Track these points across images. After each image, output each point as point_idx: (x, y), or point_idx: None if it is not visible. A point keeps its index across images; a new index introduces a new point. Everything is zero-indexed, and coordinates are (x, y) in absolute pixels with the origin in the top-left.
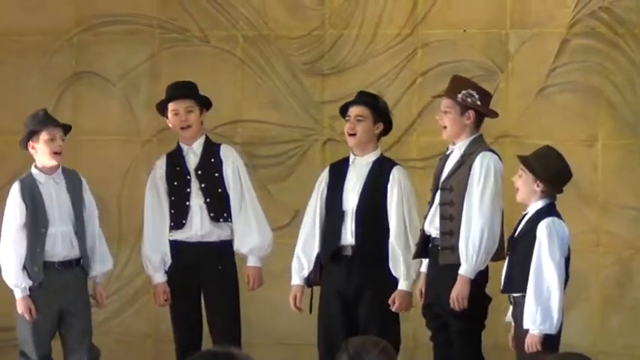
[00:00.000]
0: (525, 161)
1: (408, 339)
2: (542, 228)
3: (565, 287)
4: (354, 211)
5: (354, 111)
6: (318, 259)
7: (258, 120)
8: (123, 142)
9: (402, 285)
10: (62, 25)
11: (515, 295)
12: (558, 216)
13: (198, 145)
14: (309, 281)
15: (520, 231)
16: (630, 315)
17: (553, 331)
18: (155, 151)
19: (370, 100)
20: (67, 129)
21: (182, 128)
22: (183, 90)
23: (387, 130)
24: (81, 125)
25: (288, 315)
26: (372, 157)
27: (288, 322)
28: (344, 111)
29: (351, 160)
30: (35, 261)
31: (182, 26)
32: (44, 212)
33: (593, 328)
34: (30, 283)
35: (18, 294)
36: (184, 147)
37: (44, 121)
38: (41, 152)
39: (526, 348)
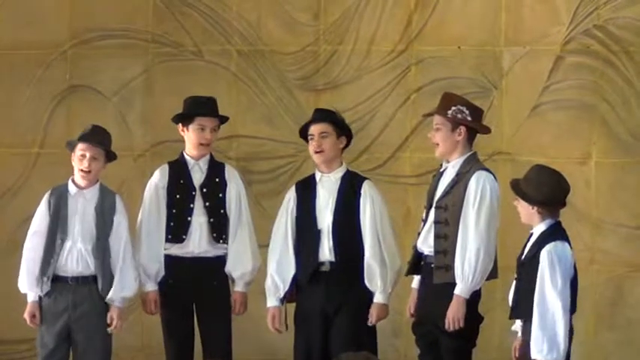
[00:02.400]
0: (516, 188)
1: (399, 355)
2: (544, 256)
3: (572, 313)
4: (330, 229)
5: (316, 129)
6: (294, 279)
7: (252, 135)
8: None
9: (379, 298)
10: (57, 38)
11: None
12: (562, 237)
13: (204, 162)
14: (282, 300)
15: (525, 256)
16: (623, 333)
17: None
18: (149, 165)
19: (330, 116)
20: (110, 154)
21: (203, 144)
22: (214, 108)
23: (349, 143)
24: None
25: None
26: (339, 172)
27: (279, 337)
28: (304, 132)
29: (317, 177)
30: (45, 271)
31: (176, 41)
32: (65, 224)
33: (586, 346)
34: (39, 292)
35: (29, 299)
36: (190, 161)
37: (83, 135)
38: (74, 165)
39: None
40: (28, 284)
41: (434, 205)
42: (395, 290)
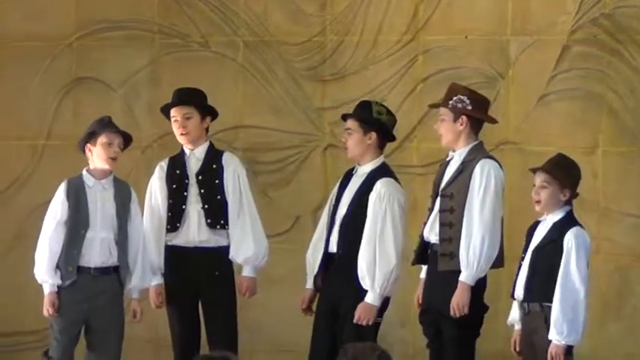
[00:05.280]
0: (550, 172)
1: (407, 346)
2: (571, 238)
3: None
4: (340, 221)
5: (346, 124)
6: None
7: (259, 126)
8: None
9: (367, 297)
10: (63, 30)
11: (531, 303)
12: (581, 225)
13: (201, 151)
14: (317, 286)
15: (542, 241)
16: (630, 322)
17: (577, 343)
18: (156, 156)
19: (359, 112)
20: (127, 138)
21: (181, 134)
22: (183, 96)
23: (386, 137)
24: (81, 130)
25: (288, 321)
26: (369, 167)
27: (289, 328)
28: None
29: (355, 169)
30: (70, 261)
31: (183, 32)
32: (86, 214)
33: (592, 335)
34: (59, 282)
35: (46, 290)
36: (187, 151)
37: (106, 125)
38: (97, 155)
39: (549, 358)
40: (47, 273)
41: (439, 193)
42: (401, 282)
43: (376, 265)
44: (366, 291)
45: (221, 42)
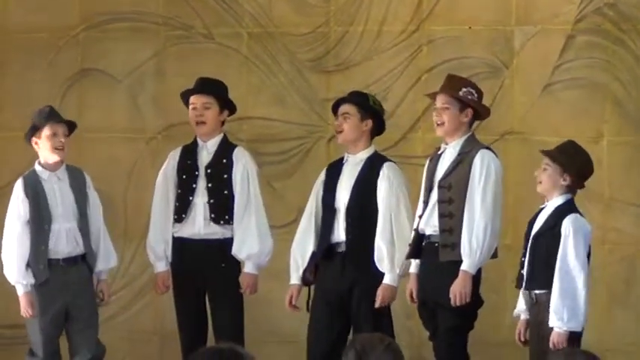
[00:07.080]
0: (551, 155)
1: (413, 336)
2: (568, 225)
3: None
4: (346, 208)
5: (341, 109)
6: (314, 257)
7: (263, 117)
8: (128, 139)
9: (386, 279)
10: (68, 22)
11: (537, 292)
12: (579, 212)
13: (213, 144)
14: (305, 280)
15: (541, 227)
16: (636, 312)
17: (579, 329)
18: (160, 148)
19: (356, 98)
20: (71, 126)
21: (197, 123)
22: (206, 86)
23: (379, 127)
24: (86, 122)
25: (293, 313)
26: (364, 154)
27: (294, 320)
28: (335, 111)
29: (345, 158)
30: (40, 258)
31: (187, 23)
32: (47, 209)
33: (599, 325)
34: (33, 280)
35: (20, 290)
36: (200, 142)
37: (48, 116)
38: (43, 148)
39: (551, 345)
40: (20, 274)
41: (436, 185)
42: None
43: (395, 248)
44: (382, 275)
45: (225, 33)
